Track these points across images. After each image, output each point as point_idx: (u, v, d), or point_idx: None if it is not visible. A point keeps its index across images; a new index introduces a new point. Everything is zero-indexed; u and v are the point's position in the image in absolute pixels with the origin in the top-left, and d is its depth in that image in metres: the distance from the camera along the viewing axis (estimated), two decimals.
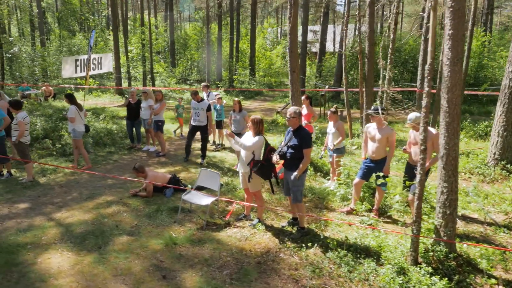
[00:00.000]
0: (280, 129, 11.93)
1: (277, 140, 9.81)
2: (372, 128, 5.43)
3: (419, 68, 12.09)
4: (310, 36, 31.10)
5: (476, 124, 11.14)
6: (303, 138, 4.67)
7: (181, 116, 10.91)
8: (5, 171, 7.30)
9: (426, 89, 3.65)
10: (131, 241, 4.76)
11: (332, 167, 6.84)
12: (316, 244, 4.63)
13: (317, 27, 33.49)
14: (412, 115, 4.96)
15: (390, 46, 8.22)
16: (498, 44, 20.17)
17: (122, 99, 18.25)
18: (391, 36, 8.18)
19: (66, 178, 7.23)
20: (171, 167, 7.97)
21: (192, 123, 8.03)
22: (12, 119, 7.12)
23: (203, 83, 9.85)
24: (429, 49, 3.62)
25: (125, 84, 20.53)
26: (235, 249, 4.59)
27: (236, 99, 7.86)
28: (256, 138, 4.92)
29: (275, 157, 4.87)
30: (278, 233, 5.04)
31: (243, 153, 5.05)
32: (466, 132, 10.92)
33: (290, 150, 4.76)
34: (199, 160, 8.29)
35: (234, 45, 25.12)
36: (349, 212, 5.64)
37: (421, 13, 11.39)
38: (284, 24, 38.44)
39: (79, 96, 18.69)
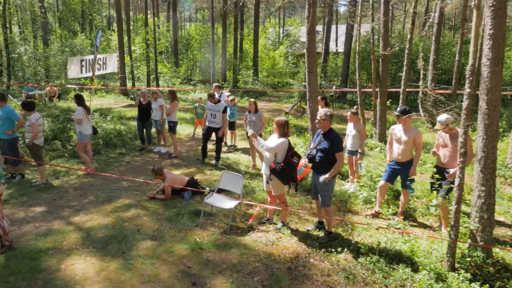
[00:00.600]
0: (290, 130, 11.76)
1: (291, 141, 9.69)
2: (397, 129, 5.32)
3: (430, 68, 11.99)
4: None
5: None
6: (333, 141, 4.56)
7: (201, 117, 10.60)
8: (17, 174, 7.17)
9: (468, 90, 3.54)
10: (155, 246, 4.64)
11: (351, 169, 6.74)
12: (346, 249, 4.52)
13: (319, 27, 33.38)
14: (443, 117, 4.85)
15: (408, 46, 8.13)
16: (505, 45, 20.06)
17: (127, 100, 18.09)
18: (408, 36, 8.09)
19: (80, 180, 7.09)
20: (185, 169, 7.84)
21: (208, 124, 7.91)
22: None
23: (215, 84, 9.71)
24: (471, 49, 3.51)
25: (129, 85, 20.37)
26: (263, 254, 4.48)
27: (252, 100, 7.74)
28: (281, 140, 4.80)
29: (303, 160, 4.77)
30: (304, 237, 4.92)
31: (267, 154, 4.93)
32: None
33: (319, 154, 4.64)
34: (213, 162, 8.18)
35: (238, 45, 24.99)
36: (374, 215, 5.53)
37: (432, 13, 11.30)
38: (286, 24, 38.37)
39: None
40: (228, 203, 5.24)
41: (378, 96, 9.24)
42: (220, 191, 5.79)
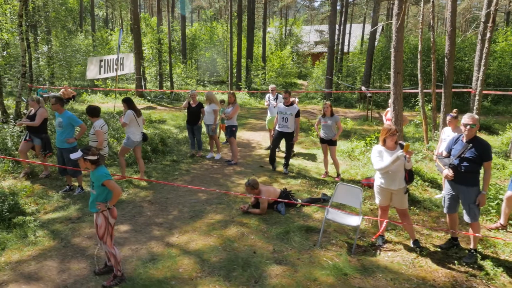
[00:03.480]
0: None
1: (342, 146, 9.21)
2: None
3: (475, 68, 11.69)
4: (318, 36, 30.69)
5: None
6: (484, 149, 4.09)
7: (222, 122, 9.87)
8: (75, 186, 6.46)
9: None
10: (289, 271, 4.06)
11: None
12: (503, 270, 4.04)
13: (324, 27, 33.04)
14: None
15: (486, 45, 7.76)
16: None
17: (144, 101, 17.30)
18: (488, 35, 7.72)
19: (149, 193, 6.42)
20: (256, 178, 7.22)
21: (278, 129, 7.32)
22: None
23: (271, 85, 9.11)
24: None
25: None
26: (415, 279, 3.96)
27: (327, 102, 7.20)
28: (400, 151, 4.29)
29: (447, 171, 4.27)
30: (444, 256, 4.42)
31: (394, 168, 4.36)
32: None
33: (465, 163, 4.16)
34: (281, 169, 7.61)
35: (250, 46, 24.39)
36: (501, 229, 5.08)
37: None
38: (289, 23, 37.91)
39: (97, 99, 17.65)
40: (352, 220, 4.70)
41: (443, 97, 8.85)
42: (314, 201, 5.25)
